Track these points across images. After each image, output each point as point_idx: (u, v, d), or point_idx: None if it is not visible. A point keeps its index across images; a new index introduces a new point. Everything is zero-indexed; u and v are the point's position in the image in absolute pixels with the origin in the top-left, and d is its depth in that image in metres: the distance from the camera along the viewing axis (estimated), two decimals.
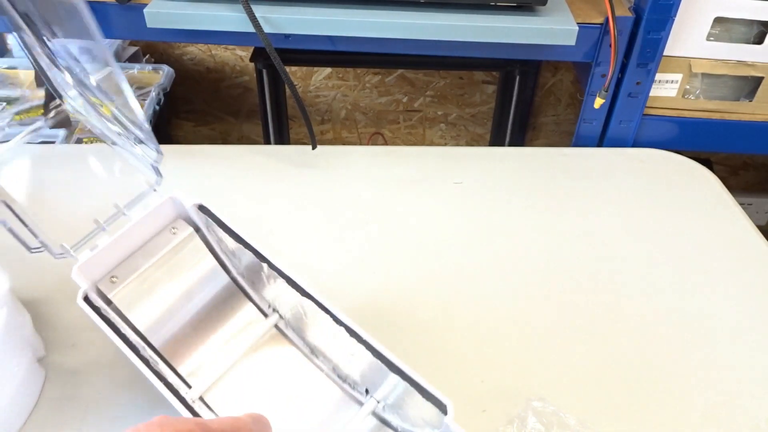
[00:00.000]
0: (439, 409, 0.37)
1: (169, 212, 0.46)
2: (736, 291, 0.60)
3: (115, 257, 0.43)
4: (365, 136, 1.36)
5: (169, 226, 0.46)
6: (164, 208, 0.46)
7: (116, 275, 0.43)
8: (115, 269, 0.43)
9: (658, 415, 0.49)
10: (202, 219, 0.47)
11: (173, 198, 0.46)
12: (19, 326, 0.48)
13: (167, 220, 0.46)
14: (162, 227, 0.46)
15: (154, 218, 0.45)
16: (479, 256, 0.63)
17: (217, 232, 0.47)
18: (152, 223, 0.45)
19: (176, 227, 0.46)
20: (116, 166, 0.50)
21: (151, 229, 0.45)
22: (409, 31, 0.73)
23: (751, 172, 1.38)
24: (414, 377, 0.38)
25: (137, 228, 0.44)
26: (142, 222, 0.44)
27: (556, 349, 0.54)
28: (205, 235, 0.48)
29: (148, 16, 0.72)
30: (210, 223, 0.46)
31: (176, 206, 0.47)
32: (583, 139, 0.87)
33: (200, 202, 0.46)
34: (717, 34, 0.79)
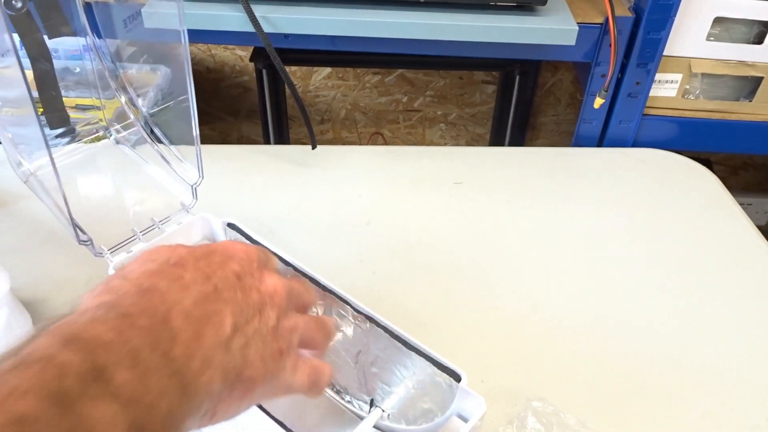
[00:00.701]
0: (453, 378, 0.39)
1: (199, 230, 0.50)
2: (736, 291, 0.60)
3: None
4: (365, 136, 1.36)
5: (198, 242, 0.50)
6: (194, 226, 0.50)
7: None
8: None
9: (658, 415, 0.49)
10: (227, 237, 0.50)
11: (203, 217, 0.50)
12: (20, 326, 0.48)
13: (196, 237, 0.50)
14: (193, 241, 0.50)
15: (184, 234, 0.49)
16: (479, 255, 0.63)
17: None
18: (182, 238, 0.49)
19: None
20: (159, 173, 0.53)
21: (183, 240, 0.49)
22: (409, 31, 0.73)
23: (751, 172, 1.38)
24: (430, 353, 0.40)
25: (169, 240, 0.48)
26: (173, 235, 0.48)
27: (556, 349, 0.54)
28: None
29: (146, 16, 0.72)
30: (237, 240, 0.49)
31: (205, 225, 0.50)
32: (582, 139, 0.87)
33: (230, 221, 0.49)
34: (717, 34, 0.79)
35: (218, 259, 0.32)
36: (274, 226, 0.65)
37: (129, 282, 0.29)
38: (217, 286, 0.31)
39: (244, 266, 0.33)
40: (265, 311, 0.32)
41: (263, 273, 0.34)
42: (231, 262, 0.32)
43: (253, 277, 0.33)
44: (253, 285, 0.32)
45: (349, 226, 0.66)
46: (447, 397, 0.40)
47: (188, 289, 0.30)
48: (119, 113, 0.61)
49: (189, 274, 0.30)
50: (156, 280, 0.29)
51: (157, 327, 0.27)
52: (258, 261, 0.34)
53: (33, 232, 0.60)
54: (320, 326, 0.36)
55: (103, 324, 0.26)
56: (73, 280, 0.58)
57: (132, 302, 0.28)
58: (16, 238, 0.61)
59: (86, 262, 0.47)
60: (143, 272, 0.30)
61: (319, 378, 0.34)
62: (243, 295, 0.31)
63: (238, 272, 0.32)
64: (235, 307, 0.30)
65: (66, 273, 0.59)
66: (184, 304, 0.29)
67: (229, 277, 0.32)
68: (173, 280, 0.30)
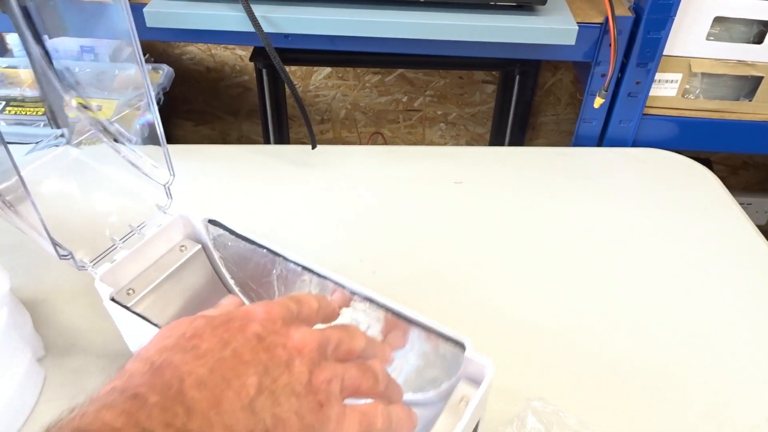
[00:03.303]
0: (458, 347, 0.39)
1: (180, 230, 0.49)
2: (736, 291, 0.60)
3: (132, 271, 0.46)
4: (365, 135, 1.36)
5: (179, 243, 0.49)
6: (175, 227, 0.49)
7: (132, 288, 0.45)
8: (132, 282, 0.46)
9: (657, 415, 0.49)
10: (210, 234, 0.49)
11: (182, 217, 0.49)
12: (19, 326, 0.48)
13: (178, 237, 0.49)
14: (173, 245, 0.49)
15: (166, 236, 0.48)
16: (479, 255, 0.63)
17: (226, 245, 0.49)
18: (164, 241, 0.48)
19: (185, 245, 0.49)
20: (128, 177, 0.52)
21: (163, 246, 0.48)
22: (409, 31, 0.73)
23: (751, 171, 1.38)
24: (431, 324, 0.40)
25: (150, 245, 0.47)
26: (154, 239, 0.47)
27: (556, 349, 0.54)
28: (211, 251, 0.50)
29: (147, 16, 0.72)
30: (218, 239, 0.48)
31: (185, 224, 0.49)
32: (582, 139, 0.87)
33: (209, 217, 0.48)
34: (717, 33, 0.79)
35: (237, 324, 0.31)
36: (274, 225, 0.65)
37: (141, 361, 0.28)
38: (237, 349, 0.30)
39: (266, 326, 0.32)
40: (295, 366, 0.30)
41: (289, 329, 0.32)
42: (251, 324, 0.31)
43: (278, 335, 0.32)
44: (278, 342, 0.31)
45: (349, 226, 0.66)
46: (453, 364, 0.40)
47: (204, 358, 0.29)
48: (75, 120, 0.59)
49: (206, 343, 0.29)
50: (169, 355, 0.29)
51: (170, 402, 0.26)
52: (282, 318, 0.33)
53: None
54: (364, 371, 0.34)
55: (112, 409, 0.25)
56: (73, 280, 0.58)
57: (142, 381, 0.27)
58: (16, 238, 0.61)
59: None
60: (157, 350, 0.29)
61: (370, 425, 0.32)
62: (267, 354, 0.30)
63: (260, 333, 0.31)
64: (258, 367, 0.29)
65: (66, 273, 0.59)
66: (199, 373, 0.28)
67: (250, 339, 0.31)
68: (187, 350, 0.29)
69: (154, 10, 0.72)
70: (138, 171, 0.51)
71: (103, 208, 0.54)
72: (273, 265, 0.46)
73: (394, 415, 0.34)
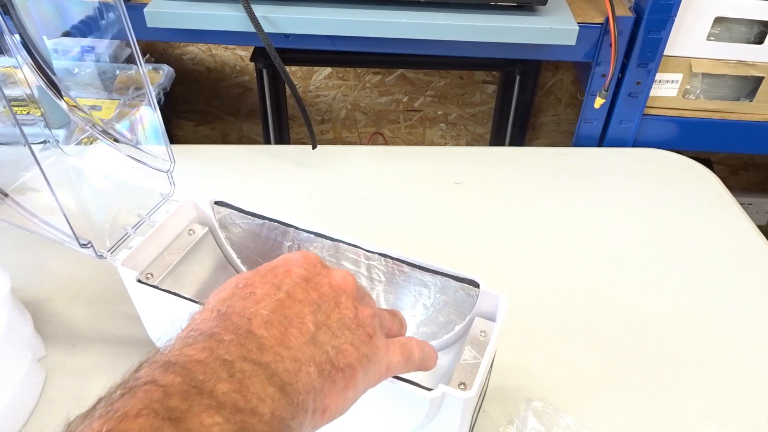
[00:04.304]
0: (472, 285, 0.43)
1: (187, 215, 0.51)
2: (736, 290, 0.60)
3: (149, 256, 0.47)
4: (365, 135, 1.36)
5: (187, 228, 0.51)
6: (182, 212, 0.50)
7: (151, 272, 0.47)
8: (150, 267, 0.47)
9: (658, 415, 0.49)
10: (215, 216, 0.51)
11: (189, 202, 0.50)
12: (20, 326, 0.48)
13: (185, 222, 0.51)
14: (182, 229, 0.50)
15: (175, 221, 0.50)
16: (479, 255, 0.63)
17: (229, 228, 0.51)
18: (173, 226, 0.50)
19: (193, 228, 0.51)
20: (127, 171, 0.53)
21: (173, 231, 0.50)
22: (409, 31, 0.73)
23: (751, 172, 1.38)
24: (444, 269, 0.44)
25: (162, 231, 0.48)
26: (164, 225, 0.48)
27: (556, 349, 0.54)
28: (218, 233, 0.52)
29: (148, 16, 0.72)
30: (224, 220, 0.50)
31: (192, 209, 0.51)
32: (583, 139, 0.87)
33: (215, 198, 0.50)
34: (717, 33, 0.79)
35: (282, 270, 0.34)
36: None
37: (206, 311, 0.31)
38: (289, 291, 0.32)
39: (309, 269, 0.34)
40: (342, 302, 0.33)
41: (329, 270, 0.35)
42: (295, 268, 0.34)
43: (321, 275, 0.34)
44: (324, 281, 0.34)
45: (349, 226, 0.66)
46: (465, 305, 0.44)
47: (263, 301, 0.31)
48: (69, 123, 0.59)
49: (260, 290, 0.32)
50: (232, 302, 0.31)
51: (243, 339, 0.28)
52: (319, 261, 0.35)
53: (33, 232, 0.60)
54: (393, 315, 0.38)
55: (194, 346, 0.27)
56: (73, 280, 0.58)
57: (214, 324, 0.29)
58: (16, 238, 0.61)
59: (86, 261, 0.47)
60: (218, 300, 0.32)
61: (410, 353, 0.35)
62: (316, 293, 0.33)
63: (305, 275, 0.34)
64: (312, 306, 0.32)
65: (66, 273, 0.59)
66: (263, 314, 0.30)
67: (298, 281, 0.33)
68: (245, 297, 0.31)
69: (155, 10, 0.72)
70: (138, 164, 0.52)
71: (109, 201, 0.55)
72: (284, 236, 0.48)
73: (426, 347, 0.37)
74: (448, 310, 0.45)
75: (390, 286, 0.47)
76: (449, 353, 0.46)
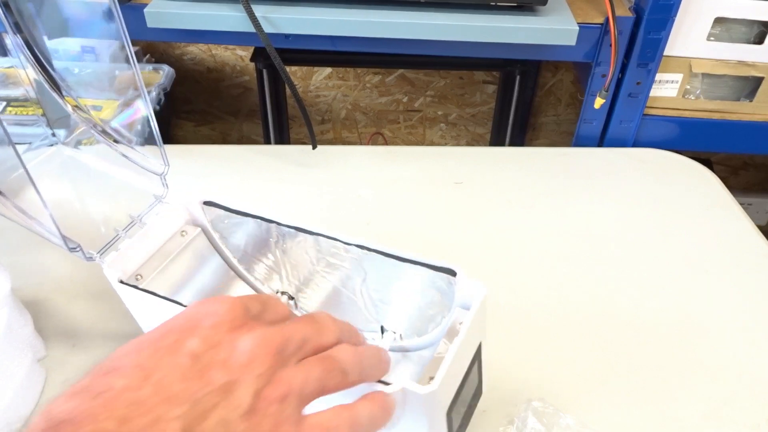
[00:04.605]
0: (449, 275, 0.41)
1: (179, 217, 0.51)
2: (736, 291, 0.60)
3: (138, 258, 0.47)
4: (365, 136, 1.36)
5: (179, 230, 0.50)
6: (174, 214, 0.50)
7: (140, 274, 0.47)
8: (139, 269, 0.47)
9: (658, 415, 0.49)
10: (207, 217, 0.50)
11: (181, 204, 0.50)
12: (20, 326, 0.48)
13: (178, 224, 0.50)
14: (174, 231, 0.50)
15: (166, 223, 0.50)
16: (479, 256, 0.63)
17: (221, 228, 0.50)
18: (165, 228, 0.49)
19: (186, 230, 0.51)
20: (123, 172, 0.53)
21: (165, 232, 0.49)
22: (409, 31, 0.73)
23: (751, 172, 1.38)
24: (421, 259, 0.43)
25: (152, 232, 0.48)
26: (155, 227, 0.48)
27: (556, 349, 0.54)
28: (211, 234, 0.51)
29: (148, 16, 0.72)
30: (215, 220, 0.50)
31: (185, 211, 0.51)
32: (583, 139, 0.87)
33: (205, 198, 0.50)
34: (717, 34, 0.79)
35: (171, 341, 0.27)
36: None
37: (42, 416, 0.24)
38: (161, 381, 0.25)
39: (208, 337, 0.27)
40: (236, 391, 0.26)
41: (237, 337, 0.27)
42: (188, 340, 0.27)
43: (220, 348, 0.27)
44: (218, 360, 0.26)
45: (349, 226, 0.66)
46: (448, 297, 0.42)
47: (114, 404, 0.24)
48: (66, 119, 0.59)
49: (123, 379, 0.25)
50: (73, 406, 0.24)
51: None
52: (233, 321, 0.28)
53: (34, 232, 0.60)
54: (329, 369, 0.29)
55: None
56: (73, 280, 0.58)
57: None
58: (16, 238, 0.61)
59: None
60: (65, 397, 0.24)
61: None
62: (201, 380, 0.26)
63: (196, 350, 0.26)
64: (185, 404, 0.25)
65: (66, 273, 0.59)
66: (106, 427, 0.23)
67: (181, 362, 0.26)
68: (96, 396, 0.24)
69: (155, 11, 0.72)
70: (133, 165, 0.52)
71: (102, 202, 0.55)
72: (268, 233, 0.48)
73: (364, 411, 0.30)
74: (435, 303, 0.44)
75: (374, 281, 0.46)
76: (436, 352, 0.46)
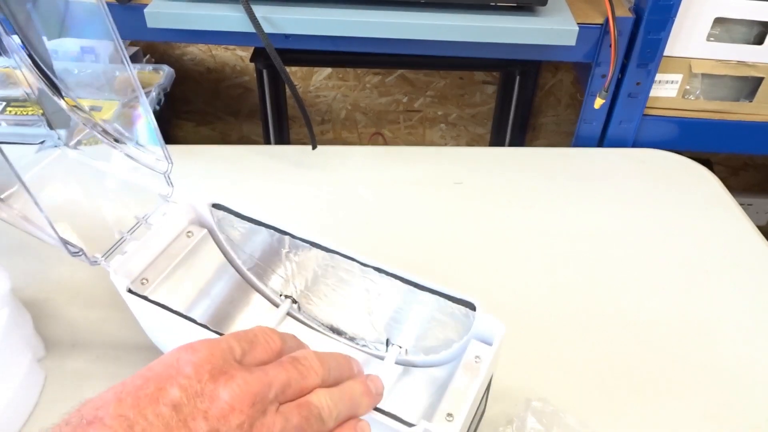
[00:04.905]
0: (468, 308, 0.42)
1: (185, 217, 0.50)
2: (736, 291, 0.60)
3: (143, 261, 0.46)
4: (365, 136, 1.36)
5: (185, 230, 0.50)
6: (180, 214, 0.49)
7: (146, 278, 0.46)
8: (145, 272, 0.46)
9: (658, 415, 0.49)
10: (214, 218, 0.50)
11: (187, 203, 0.50)
12: (20, 327, 0.48)
13: (183, 224, 0.50)
14: (180, 231, 0.49)
15: (172, 224, 0.49)
16: (479, 256, 0.63)
17: (231, 226, 0.50)
18: (171, 229, 0.49)
19: (192, 230, 0.50)
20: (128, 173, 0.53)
21: (171, 233, 0.49)
22: (409, 32, 0.73)
23: (751, 172, 1.38)
24: (441, 289, 0.43)
25: (158, 234, 0.48)
26: (161, 228, 0.48)
27: (556, 349, 0.54)
28: (216, 234, 0.51)
29: (148, 17, 0.72)
30: (223, 220, 0.49)
31: (190, 210, 0.50)
32: (583, 140, 0.87)
33: (213, 201, 0.49)
34: (717, 34, 0.79)
35: (151, 390, 0.26)
36: None
37: None
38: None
39: (190, 387, 0.27)
40: None
41: (219, 385, 0.27)
42: (169, 389, 0.27)
43: (202, 397, 0.27)
44: (200, 410, 0.26)
45: (349, 226, 0.66)
46: (463, 324, 0.43)
47: None
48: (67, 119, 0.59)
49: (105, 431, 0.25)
50: None
51: None
52: (213, 368, 0.28)
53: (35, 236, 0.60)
54: (307, 418, 0.29)
55: None
56: (73, 280, 0.58)
57: None
58: (16, 238, 0.61)
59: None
60: None
61: None
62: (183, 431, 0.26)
63: (177, 401, 0.26)
64: None
65: (66, 273, 0.59)
66: None
67: (164, 412, 0.26)
68: None
69: (155, 11, 0.72)
70: (137, 165, 0.51)
71: (107, 203, 0.55)
72: (280, 243, 0.48)
73: None
74: (447, 327, 0.44)
75: (387, 300, 0.46)
76: (447, 368, 0.46)
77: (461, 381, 0.40)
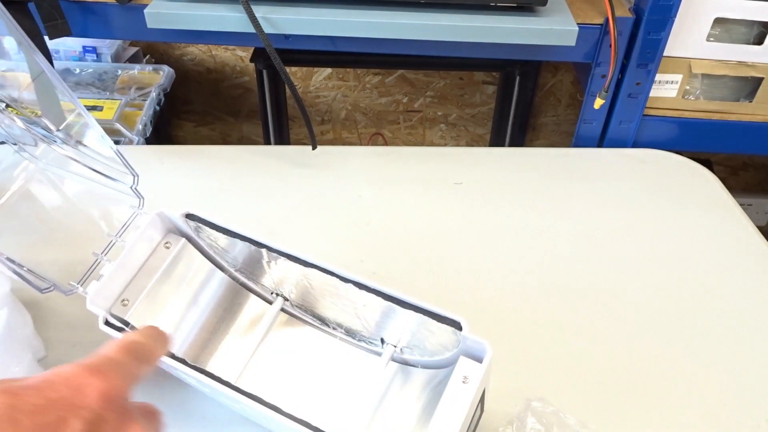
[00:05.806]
0: (454, 327, 0.40)
1: (160, 228, 0.48)
2: (736, 291, 0.60)
3: (122, 281, 0.45)
4: (365, 136, 1.36)
5: (162, 241, 0.48)
6: (154, 226, 0.48)
7: (126, 298, 0.45)
8: (124, 292, 0.45)
9: (658, 415, 0.49)
10: (191, 226, 0.48)
11: (160, 214, 0.48)
12: (20, 326, 0.48)
13: (160, 236, 0.48)
14: (157, 244, 0.48)
15: (147, 237, 0.47)
16: (479, 256, 0.63)
17: (209, 234, 0.48)
18: (147, 243, 0.47)
19: (169, 241, 0.48)
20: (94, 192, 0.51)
21: (147, 248, 0.47)
22: (409, 32, 0.73)
23: (751, 172, 1.38)
24: (425, 307, 0.41)
25: (134, 250, 0.46)
26: (136, 244, 0.46)
27: (556, 349, 0.54)
28: (197, 241, 0.49)
29: (148, 17, 0.72)
30: (200, 227, 0.48)
31: (164, 221, 0.48)
32: (583, 140, 0.87)
33: (187, 211, 0.47)
34: (717, 34, 0.79)
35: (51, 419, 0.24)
36: (275, 227, 0.65)
37: None
38: None
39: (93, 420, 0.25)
40: None
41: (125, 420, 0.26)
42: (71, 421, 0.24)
43: None
44: None
45: (349, 227, 0.66)
46: (451, 340, 0.42)
47: None
48: None
49: None
50: None
51: None
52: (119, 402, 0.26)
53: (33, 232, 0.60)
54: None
55: None
56: None
57: None
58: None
59: (87, 262, 0.47)
60: None
61: None
62: None
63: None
64: None
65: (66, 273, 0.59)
66: None
67: None
68: None
69: (155, 11, 0.72)
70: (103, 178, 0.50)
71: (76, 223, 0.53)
72: (259, 253, 0.47)
73: None
74: (438, 335, 0.43)
75: (373, 310, 0.45)
76: (439, 374, 0.45)
77: (449, 404, 0.39)
